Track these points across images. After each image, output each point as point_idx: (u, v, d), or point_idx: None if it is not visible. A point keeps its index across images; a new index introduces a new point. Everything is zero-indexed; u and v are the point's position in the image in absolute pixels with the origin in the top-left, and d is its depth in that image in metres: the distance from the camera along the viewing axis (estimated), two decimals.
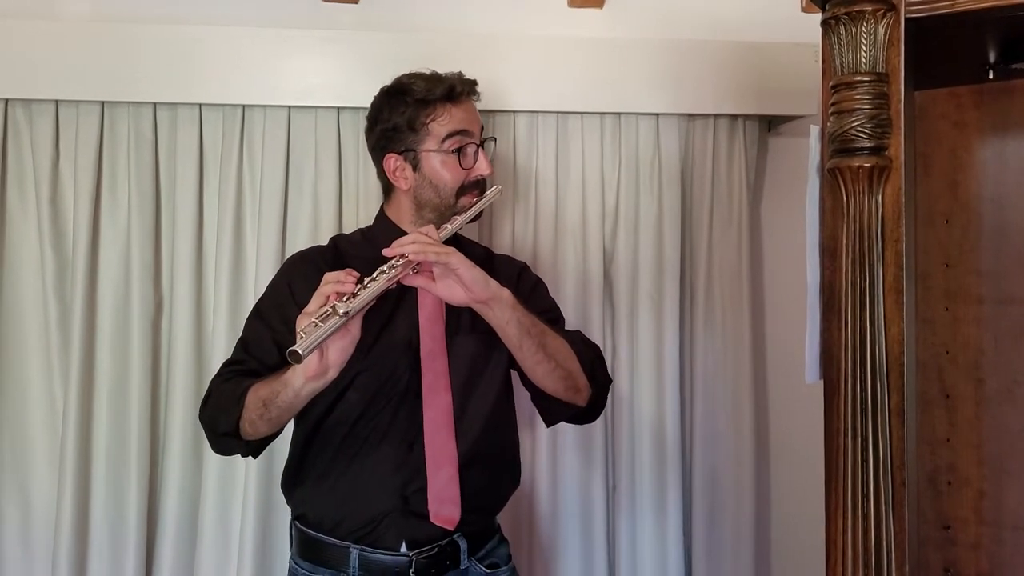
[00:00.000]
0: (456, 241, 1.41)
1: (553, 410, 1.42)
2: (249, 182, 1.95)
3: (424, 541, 1.36)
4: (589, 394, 1.39)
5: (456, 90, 1.43)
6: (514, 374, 1.47)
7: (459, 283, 1.23)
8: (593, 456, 2.04)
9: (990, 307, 1.31)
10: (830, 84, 1.08)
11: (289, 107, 1.93)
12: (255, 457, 1.40)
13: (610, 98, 2.01)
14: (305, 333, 1.10)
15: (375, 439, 1.37)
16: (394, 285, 1.21)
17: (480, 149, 1.46)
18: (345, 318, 1.12)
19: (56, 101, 1.88)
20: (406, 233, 1.39)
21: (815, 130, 1.14)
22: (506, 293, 1.26)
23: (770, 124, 2.20)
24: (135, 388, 1.89)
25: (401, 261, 1.21)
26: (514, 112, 2.00)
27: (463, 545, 1.39)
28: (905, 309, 1.05)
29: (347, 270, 1.19)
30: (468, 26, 2.05)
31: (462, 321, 1.40)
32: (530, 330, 1.28)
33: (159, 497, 1.93)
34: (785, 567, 2.18)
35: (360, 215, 1.96)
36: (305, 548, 1.42)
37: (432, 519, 1.35)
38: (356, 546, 1.35)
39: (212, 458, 1.90)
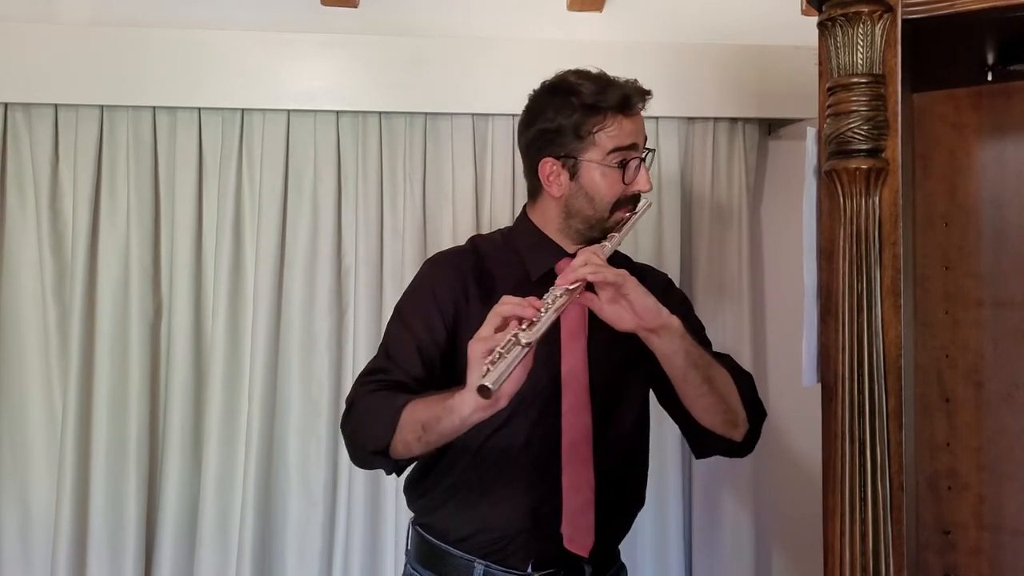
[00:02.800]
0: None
1: (706, 444, 1.33)
2: (248, 186, 1.96)
3: (551, 563, 1.31)
4: (746, 429, 1.29)
5: (631, 100, 1.32)
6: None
7: (629, 309, 1.16)
8: None
9: (989, 310, 1.30)
10: (827, 86, 1.07)
11: (288, 111, 1.94)
12: (399, 475, 1.33)
13: None
14: (492, 366, 1.03)
15: (509, 456, 1.31)
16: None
17: (642, 164, 1.35)
18: (528, 348, 1.06)
19: (55, 105, 1.89)
20: (549, 239, 1.36)
21: (812, 132, 1.13)
22: (676, 322, 1.18)
23: (770, 127, 2.19)
24: (134, 391, 1.89)
25: (574, 285, 1.14)
26: (513, 116, 1.99)
27: (588, 571, 1.34)
28: (903, 312, 1.04)
29: (529, 298, 1.11)
30: (467, 30, 2.05)
31: (603, 338, 1.30)
32: (697, 362, 1.20)
33: (158, 500, 1.93)
34: (785, 568, 2.17)
35: (360, 217, 1.96)
36: (425, 556, 1.37)
37: (566, 544, 1.29)
38: (482, 561, 1.31)
39: (211, 461, 1.90)
